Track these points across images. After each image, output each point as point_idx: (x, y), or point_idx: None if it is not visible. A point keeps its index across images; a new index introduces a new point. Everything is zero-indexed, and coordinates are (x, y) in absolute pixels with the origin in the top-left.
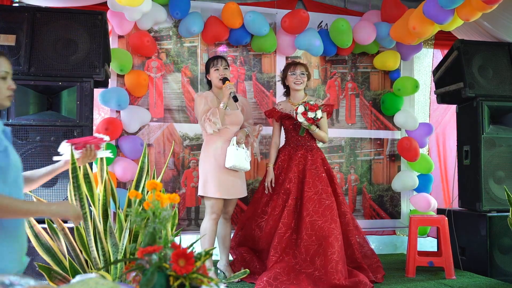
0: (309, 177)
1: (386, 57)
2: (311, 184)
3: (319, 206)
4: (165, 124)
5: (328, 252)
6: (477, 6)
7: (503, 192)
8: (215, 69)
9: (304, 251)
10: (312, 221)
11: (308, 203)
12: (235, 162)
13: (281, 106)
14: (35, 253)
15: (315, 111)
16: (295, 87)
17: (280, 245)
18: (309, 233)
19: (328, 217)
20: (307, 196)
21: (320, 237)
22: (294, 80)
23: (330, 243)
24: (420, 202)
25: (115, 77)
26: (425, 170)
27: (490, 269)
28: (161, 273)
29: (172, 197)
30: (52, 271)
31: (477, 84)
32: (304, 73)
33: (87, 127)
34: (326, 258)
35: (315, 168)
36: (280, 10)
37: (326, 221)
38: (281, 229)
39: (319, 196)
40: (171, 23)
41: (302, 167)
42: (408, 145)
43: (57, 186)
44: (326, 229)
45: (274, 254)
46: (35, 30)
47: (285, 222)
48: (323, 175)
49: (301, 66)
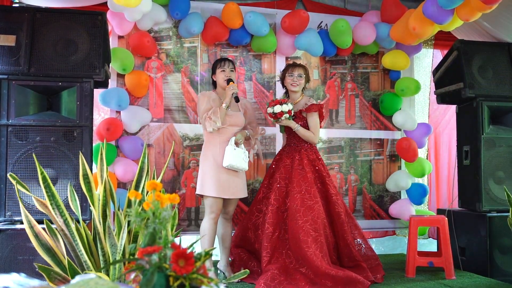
0: (294, 176)
1: (396, 56)
2: (295, 184)
3: (301, 205)
4: (165, 124)
5: (304, 247)
6: (477, 6)
7: (503, 192)
8: (222, 70)
9: (294, 250)
10: (295, 221)
11: (293, 202)
12: (232, 161)
13: None
14: (35, 253)
15: (272, 106)
16: (291, 89)
17: (270, 245)
18: (293, 233)
19: (309, 218)
20: (292, 195)
21: (297, 237)
22: (291, 82)
23: (302, 239)
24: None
25: (115, 77)
26: (419, 174)
27: (490, 269)
28: (161, 274)
29: (172, 198)
30: (52, 271)
31: (477, 84)
32: (301, 75)
33: (87, 128)
34: (305, 254)
35: (301, 169)
36: (280, 10)
37: (307, 222)
38: (268, 229)
39: (302, 195)
40: (171, 24)
41: (290, 167)
42: (407, 145)
43: (57, 186)
44: (301, 228)
45: (265, 255)
46: (35, 30)
47: (271, 222)
48: (309, 175)
49: (300, 68)
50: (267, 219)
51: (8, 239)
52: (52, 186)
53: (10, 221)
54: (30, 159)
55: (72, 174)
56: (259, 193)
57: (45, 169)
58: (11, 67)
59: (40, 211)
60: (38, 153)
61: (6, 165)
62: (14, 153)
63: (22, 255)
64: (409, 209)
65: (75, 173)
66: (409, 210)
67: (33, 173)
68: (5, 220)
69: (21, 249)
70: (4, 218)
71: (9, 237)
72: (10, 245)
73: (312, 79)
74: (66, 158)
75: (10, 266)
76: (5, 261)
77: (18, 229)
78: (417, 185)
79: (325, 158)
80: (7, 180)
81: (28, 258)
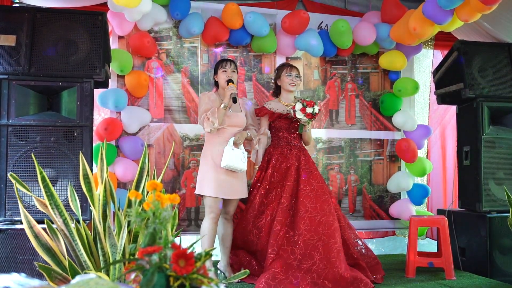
0: (304, 175)
1: (393, 56)
2: (307, 182)
3: (316, 201)
4: (165, 124)
5: (330, 242)
6: (476, 7)
7: (503, 192)
8: (223, 71)
9: (303, 246)
10: (312, 217)
11: (306, 200)
12: (229, 162)
13: (271, 106)
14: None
15: (312, 106)
16: (290, 88)
17: (277, 243)
18: (309, 229)
19: (327, 211)
20: (304, 194)
21: (321, 230)
22: (290, 81)
23: (331, 234)
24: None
25: (115, 78)
26: (419, 174)
27: (490, 270)
28: (161, 274)
29: (172, 198)
30: (52, 271)
31: (477, 85)
32: (298, 76)
33: (87, 128)
34: (328, 248)
35: (308, 168)
36: (280, 10)
37: (325, 215)
38: (276, 227)
39: (315, 193)
40: (171, 24)
41: (297, 166)
42: (406, 146)
43: (57, 186)
44: (325, 222)
45: (271, 252)
46: (35, 30)
47: (279, 220)
48: (316, 173)
49: (296, 69)
50: (277, 217)
51: (8, 239)
52: (51, 186)
53: (10, 221)
54: (30, 159)
55: (72, 174)
56: (260, 195)
57: (45, 169)
58: (12, 67)
59: (41, 211)
60: (38, 153)
61: (6, 165)
62: (14, 153)
63: (22, 255)
64: (409, 210)
65: (75, 173)
66: (409, 210)
67: (33, 173)
68: (5, 220)
69: (21, 249)
70: (4, 218)
71: (9, 237)
72: (10, 245)
73: (312, 79)
74: (66, 158)
75: (10, 266)
76: (5, 261)
77: (18, 229)
78: (419, 185)
79: (325, 159)
80: (7, 180)
81: (28, 258)
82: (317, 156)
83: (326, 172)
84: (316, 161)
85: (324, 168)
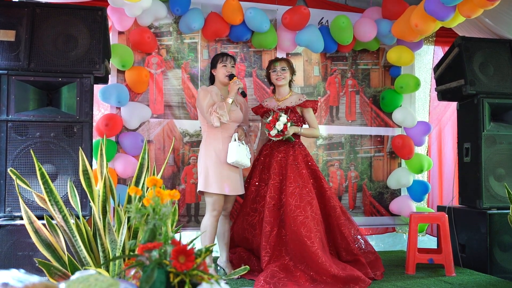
0: (290, 172)
1: (401, 52)
2: (292, 179)
3: (300, 201)
4: (165, 120)
5: (308, 243)
6: (479, 3)
7: (504, 189)
8: (223, 65)
9: (293, 247)
10: (294, 217)
11: (291, 198)
12: (237, 157)
13: (267, 103)
14: (35, 249)
15: (273, 126)
16: (277, 83)
17: (269, 244)
18: (292, 229)
19: (309, 214)
20: (289, 191)
21: (299, 234)
22: (276, 76)
23: (305, 235)
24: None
25: (115, 73)
26: (417, 170)
27: (490, 267)
28: (161, 270)
29: (172, 194)
30: (52, 267)
31: (478, 81)
32: (285, 68)
33: (87, 123)
34: (309, 250)
35: (296, 164)
36: (281, 6)
37: (307, 217)
38: (265, 228)
39: (300, 190)
40: (172, 19)
41: (284, 163)
42: (401, 143)
43: (56, 182)
44: (303, 224)
45: (265, 254)
46: (35, 25)
47: (267, 220)
48: (303, 171)
49: (282, 61)
50: (265, 218)
51: (8, 235)
52: (50, 182)
53: (10, 217)
54: (30, 154)
55: (72, 170)
56: (250, 192)
57: (45, 165)
58: (11, 63)
59: (41, 207)
60: (38, 149)
61: (6, 161)
62: (14, 149)
63: (21, 251)
64: (409, 206)
65: (75, 169)
66: (409, 207)
67: (33, 169)
68: (5, 215)
69: (20, 245)
70: (4, 213)
71: (9, 232)
72: (10, 240)
73: (312, 75)
74: (66, 153)
75: (9, 262)
76: (4, 257)
77: (18, 224)
78: (419, 182)
79: (325, 155)
80: (7, 175)
81: (28, 254)
82: (317, 152)
83: (326, 169)
84: (316, 157)
85: (324, 164)
